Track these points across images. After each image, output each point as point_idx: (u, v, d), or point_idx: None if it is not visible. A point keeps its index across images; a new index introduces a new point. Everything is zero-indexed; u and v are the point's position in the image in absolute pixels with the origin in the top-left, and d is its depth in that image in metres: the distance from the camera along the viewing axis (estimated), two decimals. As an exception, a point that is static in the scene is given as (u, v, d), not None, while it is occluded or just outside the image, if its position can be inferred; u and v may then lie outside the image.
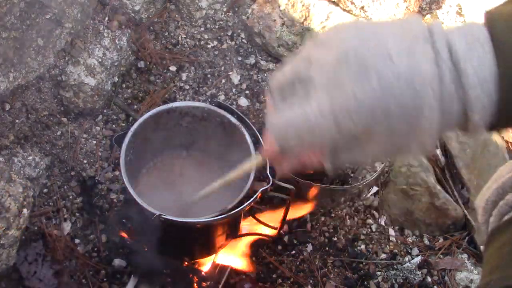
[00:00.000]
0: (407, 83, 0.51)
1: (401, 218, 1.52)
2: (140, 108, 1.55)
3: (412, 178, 1.49)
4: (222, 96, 1.61)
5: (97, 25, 1.51)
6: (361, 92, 0.52)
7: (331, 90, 0.54)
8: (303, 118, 0.56)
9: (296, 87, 0.58)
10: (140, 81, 1.60)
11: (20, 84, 1.32)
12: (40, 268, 1.28)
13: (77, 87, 1.44)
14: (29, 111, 1.39)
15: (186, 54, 1.65)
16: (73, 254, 1.33)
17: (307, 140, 0.57)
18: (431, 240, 1.51)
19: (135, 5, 1.57)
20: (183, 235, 1.16)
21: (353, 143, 0.57)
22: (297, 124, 0.57)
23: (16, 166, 1.31)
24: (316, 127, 0.55)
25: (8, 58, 1.24)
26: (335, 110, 0.54)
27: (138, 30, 1.61)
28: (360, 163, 0.61)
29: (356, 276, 1.40)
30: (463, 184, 1.56)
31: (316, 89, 0.55)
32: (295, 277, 1.38)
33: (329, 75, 0.54)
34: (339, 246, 1.45)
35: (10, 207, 1.16)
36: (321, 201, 1.49)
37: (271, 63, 1.69)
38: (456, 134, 1.58)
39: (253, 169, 0.79)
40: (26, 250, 1.28)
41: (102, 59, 1.48)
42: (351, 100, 0.53)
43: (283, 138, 0.59)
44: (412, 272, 1.41)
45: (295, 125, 0.57)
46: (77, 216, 1.39)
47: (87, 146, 1.47)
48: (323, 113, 0.54)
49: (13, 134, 1.34)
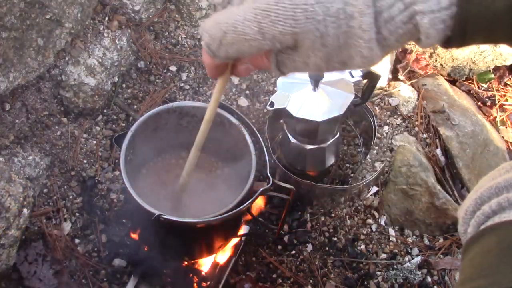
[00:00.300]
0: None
1: (401, 218, 1.52)
2: (140, 108, 1.55)
3: (412, 178, 1.49)
4: (222, 96, 1.61)
5: (97, 25, 1.51)
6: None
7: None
8: (228, 16, 0.58)
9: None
10: (140, 81, 1.60)
11: (20, 84, 1.32)
12: (40, 268, 1.28)
13: (77, 87, 1.44)
14: (29, 111, 1.39)
15: (186, 54, 1.65)
16: (73, 254, 1.33)
17: (236, 43, 0.58)
18: (431, 240, 1.51)
19: (135, 5, 1.57)
20: (183, 235, 1.16)
21: (289, 51, 0.59)
22: (222, 20, 0.58)
23: (16, 166, 1.31)
24: (241, 30, 0.57)
25: (8, 58, 1.24)
26: (257, 15, 0.55)
27: (138, 30, 1.61)
28: (304, 71, 0.63)
29: (356, 276, 1.40)
30: (463, 184, 1.56)
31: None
32: (295, 277, 1.38)
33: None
34: (339, 246, 1.45)
35: (10, 207, 1.16)
36: (321, 201, 1.49)
37: (271, 63, 1.69)
38: (456, 134, 1.58)
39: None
40: (26, 250, 1.28)
41: (102, 59, 1.48)
42: (272, 5, 0.54)
43: (212, 38, 0.60)
44: (412, 272, 1.41)
45: (221, 22, 0.58)
46: (77, 216, 1.39)
47: (87, 146, 1.47)
48: (248, 18, 0.56)
49: (13, 134, 1.34)
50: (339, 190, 1.48)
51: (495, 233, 0.53)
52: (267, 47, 0.58)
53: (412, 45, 1.83)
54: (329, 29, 0.55)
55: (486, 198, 0.58)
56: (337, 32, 0.55)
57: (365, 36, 0.55)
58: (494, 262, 0.50)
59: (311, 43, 0.57)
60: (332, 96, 1.27)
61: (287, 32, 0.56)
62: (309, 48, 0.57)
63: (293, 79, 1.30)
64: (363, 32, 0.55)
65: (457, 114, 1.63)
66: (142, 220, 1.17)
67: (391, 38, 0.56)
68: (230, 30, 0.57)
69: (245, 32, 0.57)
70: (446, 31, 0.54)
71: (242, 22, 0.57)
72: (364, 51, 0.56)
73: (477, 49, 1.81)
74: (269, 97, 1.58)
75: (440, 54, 1.82)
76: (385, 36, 0.56)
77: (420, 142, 1.59)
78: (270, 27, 0.56)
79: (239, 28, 0.57)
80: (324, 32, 0.55)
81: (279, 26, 0.55)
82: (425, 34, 0.54)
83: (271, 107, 1.27)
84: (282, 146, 1.49)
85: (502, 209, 0.55)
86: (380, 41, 0.56)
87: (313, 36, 0.56)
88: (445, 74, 1.85)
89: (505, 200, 0.55)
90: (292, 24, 0.55)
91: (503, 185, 0.57)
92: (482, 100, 1.87)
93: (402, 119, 1.63)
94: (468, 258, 0.54)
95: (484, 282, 0.49)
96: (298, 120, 1.28)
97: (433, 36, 0.54)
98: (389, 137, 1.58)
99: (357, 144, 1.61)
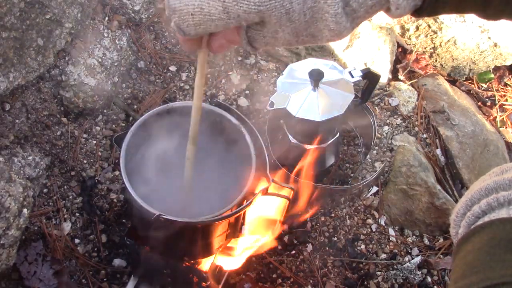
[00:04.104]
0: None
1: (401, 218, 1.52)
2: (140, 108, 1.55)
3: (412, 178, 1.49)
4: (222, 96, 1.61)
5: (97, 25, 1.51)
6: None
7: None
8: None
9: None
10: (140, 81, 1.60)
11: (20, 84, 1.32)
12: (40, 268, 1.28)
13: (77, 87, 1.44)
14: (29, 111, 1.39)
15: (186, 54, 1.65)
16: (73, 254, 1.33)
17: (203, 23, 0.60)
18: (431, 240, 1.51)
19: (135, 5, 1.57)
20: (183, 235, 1.16)
21: (258, 27, 0.61)
22: (189, 1, 0.60)
23: (16, 166, 1.31)
24: (207, 10, 0.59)
25: (8, 58, 1.24)
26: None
27: (138, 30, 1.61)
28: (276, 46, 0.65)
29: (356, 276, 1.40)
30: (463, 184, 1.56)
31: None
32: (295, 277, 1.38)
33: None
34: (339, 246, 1.45)
35: (10, 207, 1.16)
36: (321, 201, 1.49)
37: (271, 63, 1.69)
38: (456, 134, 1.58)
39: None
40: (26, 250, 1.28)
41: (102, 59, 1.48)
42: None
43: (181, 19, 0.62)
44: (412, 272, 1.41)
45: (188, 4, 0.60)
46: (77, 216, 1.39)
47: (87, 146, 1.47)
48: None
49: (13, 134, 1.34)
50: (339, 190, 1.48)
51: (486, 231, 0.54)
52: (233, 25, 0.60)
53: (412, 45, 1.83)
54: (294, 5, 0.56)
55: (476, 199, 0.59)
56: (303, 8, 0.57)
57: (331, 10, 0.56)
58: (485, 259, 0.51)
59: (277, 19, 0.58)
60: (332, 96, 1.27)
61: (251, 10, 0.57)
62: (276, 24, 0.59)
63: (293, 79, 1.30)
64: (329, 6, 0.56)
65: (457, 114, 1.63)
66: (142, 220, 1.17)
67: (360, 10, 0.57)
68: (197, 11, 0.60)
69: (210, 12, 0.59)
70: (417, 1, 0.54)
71: (207, 2, 0.58)
72: (332, 24, 0.57)
73: (477, 49, 1.81)
74: (269, 97, 1.58)
75: (440, 54, 1.82)
76: (355, 8, 0.56)
77: (420, 142, 1.59)
78: (234, 6, 0.57)
79: (205, 9, 0.59)
80: (289, 9, 0.57)
81: (243, 5, 0.57)
82: (395, 5, 0.55)
83: (271, 107, 1.27)
84: (282, 146, 1.49)
85: (492, 209, 0.56)
86: (349, 13, 0.57)
87: (278, 13, 0.57)
88: (445, 74, 1.85)
89: (494, 200, 0.56)
90: (256, 2, 0.56)
91: (492, 186, 0.58)
92: (482, 100, 1.87)
93: (402, 119, 1.63)
94: (460, 256, 0.55)
95: (476, 278, 0.49)
96: (298, 120, 1.28)
97: (403, 7, 0.55)
98: (389, 137, 1.58)
99: (357, 144, 1.61)
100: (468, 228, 0.58)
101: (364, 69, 1.32)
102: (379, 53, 1.67)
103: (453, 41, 1.79)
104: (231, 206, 1.08)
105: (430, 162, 1.54)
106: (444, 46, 1.81)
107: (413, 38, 1.83)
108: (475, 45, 1.80)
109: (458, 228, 0.61)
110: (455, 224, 0.62)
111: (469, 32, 1.77)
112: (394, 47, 1.74)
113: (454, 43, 1.80)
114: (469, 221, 0.58)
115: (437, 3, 0.55)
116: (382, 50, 1.68)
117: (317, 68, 1.25)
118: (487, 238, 0.53)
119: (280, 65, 1.69)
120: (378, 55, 1.67)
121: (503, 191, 0.56)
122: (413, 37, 1.83)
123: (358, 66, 1.57)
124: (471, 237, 0.55)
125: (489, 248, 0.51)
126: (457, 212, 0.62)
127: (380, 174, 1.51)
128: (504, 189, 0.57)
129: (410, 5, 0.55)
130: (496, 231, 0.53)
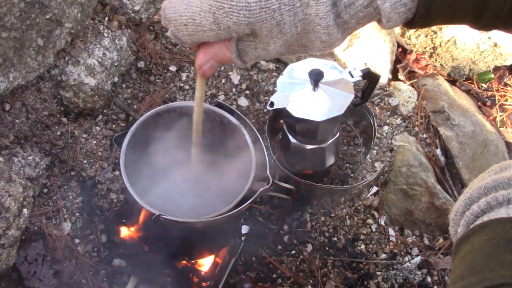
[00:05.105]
0: None
1: (401, 218, 1.52)
2: (140, 108, 1.55)
3: (412, 178, 1.49)
4: (222, 96, 1.61)
5: (97, 25, 1.51)
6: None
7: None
8: (187, 7, 0.60)
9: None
10: (140, 81, 1.60)
11: (20, 84, 1.32)
12: (40, 268, 1.28)
13: (77, 87, 1.44)
14: (29, 111, 1.39)
15: (186, 54, 1.65)
16: (73, 254, 1.33)
17: (196, 34, 0.61)
18: (431, 240, 1.51)
19: (135, 5, 1.57)
20: (183, 235, 1.16)
21: (249, 38, 0.61)
22: (183, 12, 0.61)
23: (16, 166, 1.31)
24: (198, 21, 0.60)
25: (8, 58, 1.24)
26: (212, 6, 0.58)
27: (138, 30, 1.61)
28: (266, 58, 0.65)
29: (356, 276, 1.40)
30: (463, 184, 1.56)
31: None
32: (295, 277, 1.38)
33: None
34: (339, 246, 1.45)
35: (10, 207, 1.16)
36: (321, 201, 1.49)
37: (271, 63, 1.69)
38: (456, 134, 1.58)
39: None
40: (26, 250, 1.28)
41: (102, 59, 1.48)
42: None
43: (176, 29, 0.63)
44: (412, 272, 1.41)
45: (182, 15, 0.61)
46: (77, 216, 1.39)
47: (87, 146, 1.47)
48: (204, 9, 0.59)
49: (13, 134, 1.34)
50: (339, 190, 1.48)
51: (485, 231, 0.54)
52: (224, 36, 0.61)
53: (412, 45, 1.83)
54: (285, 17, 0.56)
55: (475, 198, 0.59)
56: (294, 20, 0.57)
57: (323, 23, 0.56)
58: (484, 259, 0.51)
59: (268, 31, 0.58)
60: (332, 96, 1.27)
61: (241, 22, 0.57)
62: (267, 36, 0.59)
63: (293, 79, 1.30)
64: (320, 19, 0.56)
65: (457, 114, 1.63)
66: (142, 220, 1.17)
67: (351, 21, 0.57)
68: (190, 22, 0.61)
69: (202, 23, 0.60)
70: (408, 14, 0.55)
71: (199, 13, 0.59)
72: (323, 36, 0.58)
73: (477, 49, 1.81)
74: (269, 97, 1.58)
75: (440, 54, 1.82)
76: (346, 20, 0.57)
77: (420, 142, 1.59)
78: (224, 18, 0.58)
79: (197, 20, 0.60)
80: (280, 20, 0.57)
81: (233, 17, 0.57)
82: (387, 18, 0.55)
83: (271, 107, 1.27)
84: (282, 146, 1.49)
85: (491, 208, 0.56)
86: (340, 24, 0.57)
87: (269, 24, 0.57)
88: (445, 74, 1.85)
89: (493, 199, 0.56)
90: (246, 14, 0.57)
91: (492, 185, 0.58)
92: (482, 100, 1.87)
93: (402, 119, 1.63)
94: (459, 256, 0.55)
95: (475, 279, 0.49)
96: (298, 120, 1.28)
97: (395, 19, 0.55)
98: (389, 137, 1.58)
99: (357, 144, 1.61)
100: (467, 228, 0.58)
101: (364, 69, 1.32)
102: (379, 53, 1.67)
103: (453, 41, 1.79)
104: (231, 206, 1.08)
105: (430, 162, 1.54)
106: (444, 46, 1.81)
107: (413, 38, 1.83)
108: (475, 45, 1.80)
109: (457, 227, 0.61)
110: (454, 223, 0.62)
111: (469, 32, 1.77)
112: (394, 47, 1.74)
113: (454, 43, 1.80)
114: (468, 220, 0.58)
115: (428, 16, 0.55)
116: (382, 50, 1.68)
117: (317, 68, 1.25)
118: (486, 238, 0.53)
119: (280, 65, 1.69)
120: (378, 55, 1.67)
121: (502, 190, 0.56)
122: (413, 37, 1.83)
123: (358, 66, 1.57)
124: (470, 237, 0.55)
125: (488, 248, 0.51)
126: (456, 210, 0.62)
127: (380, 174, 1.51)
128: (503, 188, 0.57)
129: (401, 18, 0.55)
130: (495, 231, 0.53)
